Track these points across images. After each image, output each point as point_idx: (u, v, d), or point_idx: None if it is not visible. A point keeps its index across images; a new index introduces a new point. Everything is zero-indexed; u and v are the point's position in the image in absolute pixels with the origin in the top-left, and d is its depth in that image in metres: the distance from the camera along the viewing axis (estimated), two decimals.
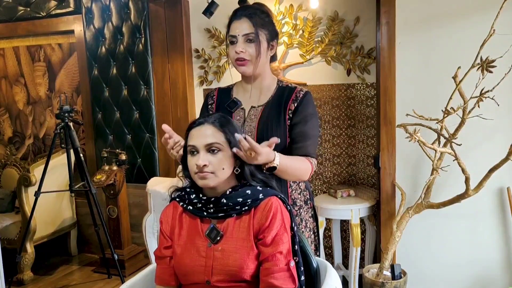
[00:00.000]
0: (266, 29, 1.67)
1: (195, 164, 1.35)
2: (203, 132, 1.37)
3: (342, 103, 3.10)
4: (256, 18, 1.65)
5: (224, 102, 1.75)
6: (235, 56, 1.66)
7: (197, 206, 1.41)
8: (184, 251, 1.39)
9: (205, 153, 1.35)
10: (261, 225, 1.34)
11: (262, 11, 1.70)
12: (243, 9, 1.69)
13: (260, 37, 1.64)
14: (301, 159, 1.63)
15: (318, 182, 3.22)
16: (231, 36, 1.67)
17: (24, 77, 4.11)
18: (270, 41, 1.70)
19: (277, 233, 1.33)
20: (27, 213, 3.30)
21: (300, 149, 1.64)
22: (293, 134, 1.67)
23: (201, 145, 1.36)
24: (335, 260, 3.13)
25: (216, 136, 1.36)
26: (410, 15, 2.60)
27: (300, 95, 1.69)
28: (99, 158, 3.74)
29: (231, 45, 1.68)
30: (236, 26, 1.66)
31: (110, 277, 3.44)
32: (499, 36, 2.09)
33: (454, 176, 2.42)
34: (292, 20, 3.11)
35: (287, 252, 1.34)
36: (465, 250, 2.66)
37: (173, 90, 3.48)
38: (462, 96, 2.21)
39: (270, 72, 1.77)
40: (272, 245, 1.32)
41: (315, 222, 1.85)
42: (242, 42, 1.65)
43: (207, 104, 1.81)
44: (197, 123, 1.41)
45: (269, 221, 1.33)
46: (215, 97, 1.81)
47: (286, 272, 1.32)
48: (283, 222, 1.35)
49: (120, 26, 3.56)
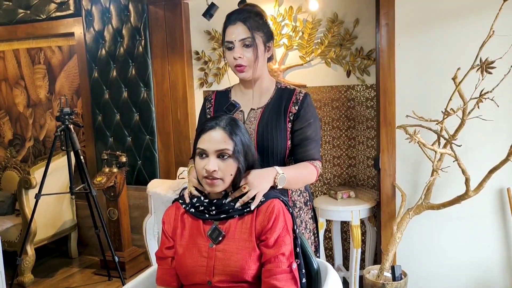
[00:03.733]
0: (261, 31, 1.67)
1: (205, 169, 1.35)
2: (214, 137, 1.37)
3: (342, 104, 3.10)
4: (251, 21, 1.64)
5: (222, 105, 1.75)
6: (234, 62, 1.66)
7: (200, 209, 1.42)
8: (185, 251, 1.40)
9: (215, 158, 1.36)
10: (263, 226, 1.34)
11: (255, 14, 1.68)
12: (236, 13, 1.67)
13: (256, 40, 1.64)
14: (304, 165, 1.65)
15: (318, 183, 3.22)
16: (227, 42, 1.66)
17: (24, 79, 4.11)
18: (266, 43, 1.70)
19: (279, 235, 1.34)
20: (27, 216, 3.30)
21: (305, 153, 1.67)
22: (297, 140, 1.68)
23: (211, 150, 1.36)
24: (336, 261, 3.13)
25: (227, 142, 1.37)
26: (409, 16, 2.60)
27: (300, 97, 1.70)
28: (99, 160, 3.74)
29: (228, 50, 1.67)
30: (231, 32, 1.65)
31: (110, 279, 3.43)
32: (499, 37, 2.09)
33: (454, 177, 2.43)
34: (292, 22, 3.12)
35: (289, 254, 1.34)
36: (466, 251, 2.66)
37: (173, 92, 3.49)
38: (461, 97, 2.21)
39: (268, 74, 1.77)
40: (274, 246, 1.33)
41: (315, 223, 1.86)
42: (239, 47, 1.64)
43: (205, 108, 1.81)
44: (208, 126, 1.40)
45: (271, 222, 1.34)
46: (213, 100, 1.80)
47: (289, 274, 1.32)
48: (286, 224, 1.36)
49: (120, 29, 3.57)
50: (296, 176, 1.61)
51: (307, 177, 1.66)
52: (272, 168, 1.52)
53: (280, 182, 1.51)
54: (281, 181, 1.51)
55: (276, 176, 1.50)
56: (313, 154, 1.67)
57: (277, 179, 1.50)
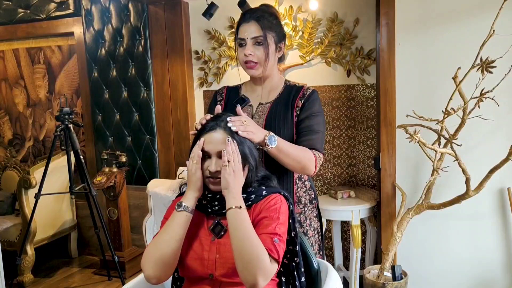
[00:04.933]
0: (274, 31, 1.71)
1: (208, 170, 1.37)
2: (215, 138, 1.39)
3: (342, 104, 3.10)
4: (264, 21, 1.69)
5: (232, 99, 1.78)
6: (244, 58, 1.70)
7: (202, 203, 1.43)
8: (188, 245, 1.40)
9: (217, 159, 1.37)
10: (259, 211, 1.37)
11: (270, 14, 1.73)
12: (251, 12, 1.73)
13: (268, 39, 1.68)
14: (304, 148, 1.65)
15: (318, 183, 3.22)
16: (240, 39, 1.71)
17: (24, 79, 4.11)
18: (278, 43, 1.73)
19: (271, 216, 1.35)
20: (27, 215, 3.30)
21: (306, 141, 1.67)
22: (300, 129, 1.70)
23: (213, 151, 1.38)
24: (336, 261, 3.13)
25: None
26: (409, 16, 2.60)
27: (307, 93, 1.74)
28: (99, 160, 3.74)
29: (239, 47, 1.72)
30: (244, 29, 1.69)
31: (110, 279, 3.43)
32: (499, 36, 2.09)
33: (455, 176, 2.42)
34: (292, 22, 3.11)
35: (274, 232, 1.33)
36: (466, 251, 2.66)
37: (173, 92, 3.49)
38: (462, 96, 2.21)
39: (278, 72, 1.81)
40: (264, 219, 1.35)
41: (319, 222, 1.88)
42: (250, 45, 1.68)
43: (216, 100, 1.84)
44: (208, 127, 1.41)
45: (267, 206, 1.37)
46: (224, 94, 1.85)
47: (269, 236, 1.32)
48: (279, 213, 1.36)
49: (120, 28, 3.57)
50: (290, 148, 1.59)
51: (301, 157, 1.62)
52: (266, 131, 1.55)
53: (270, 141, 1.52)
54: (271, 140, 1.52)
55: (267, 134, 1.52)
56: (314, 143, 1.67)
57: (267, 136, 1.51)
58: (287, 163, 1.61)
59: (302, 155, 1.62)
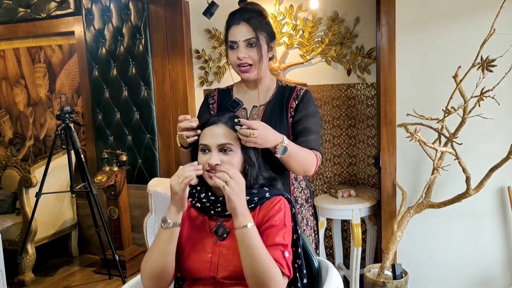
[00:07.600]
0: (265, 31, 1.68)
1: (207, 163, 1.37)
2: (216, 132, 1.39)
3: (342, 103, 3.10)
4: (255, 21, 1.65)
5: (225, 103, 1.75)
6: (237, 61, 1.66)
7: (205, 205, 1.42)
8: (190, 246, 1.40)
9: (217, 153, 1.38)
10: (263, 215, 1.35)
11: (258, 13, 1.70)
12: (240, 13, 1.68)
13: (260, 40, 1.65)
14: (308, 150, 1.63)
15: (318, 182, 3.22)
16: (231, 42, 1.66)
17: (24, 78, 4.11)
18: (269, 43, 1.71)
19: (277, 225, 1.34)
20: (28, 214, 3.30)
21: (304, 143, 1.65)
22: (296, 130, 1.68)
23: (214, 145, 1.38)
24: (336, 260, 3.13)
25: (229, 137, 1.39)
26: (410, 15, 2.60)
27: (300, 93, 1.71)
28: (99, 159, 3.74)
29: (231, 50, 1.67)
30: (235, 32, 1.65)
31: (111, 278, 3.44)
32: (499, 35, 2.09)
33: (455, 175, 2.42)
34: (292, 21, 3.11)
35: (282, 243, 1.32)
36: (466, 250, 2.66)
37: (174, 91, 3.49)
38: (462, 95, 2.21)
39: (269, 73, 1.79)
40: (270, 228, 1.34)
41: (315, 220, 1.87)
42: (243, 47, 1.64)
43: (208, 103, 1.81)
44: (210, 122, 1.42)
45: (272, 212, 1.35)
46: (216, 97, 1.82)
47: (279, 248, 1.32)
48: (284, 218, 1.36)
49: (120, 27, 3.57)
50: (298, 153, 1.57)
51: (307, 160, 1.61)
52: (280, 135, 1.52)
53: (280, 151, 1.51)
54: (282, 150, 1.51)
55: (280, 143, 1.50)
56: (312, 144, 1.66)
57: (279, 146, 1.50)
58: (293, 167, 1.60)
59: (307, 159, 1.61)
